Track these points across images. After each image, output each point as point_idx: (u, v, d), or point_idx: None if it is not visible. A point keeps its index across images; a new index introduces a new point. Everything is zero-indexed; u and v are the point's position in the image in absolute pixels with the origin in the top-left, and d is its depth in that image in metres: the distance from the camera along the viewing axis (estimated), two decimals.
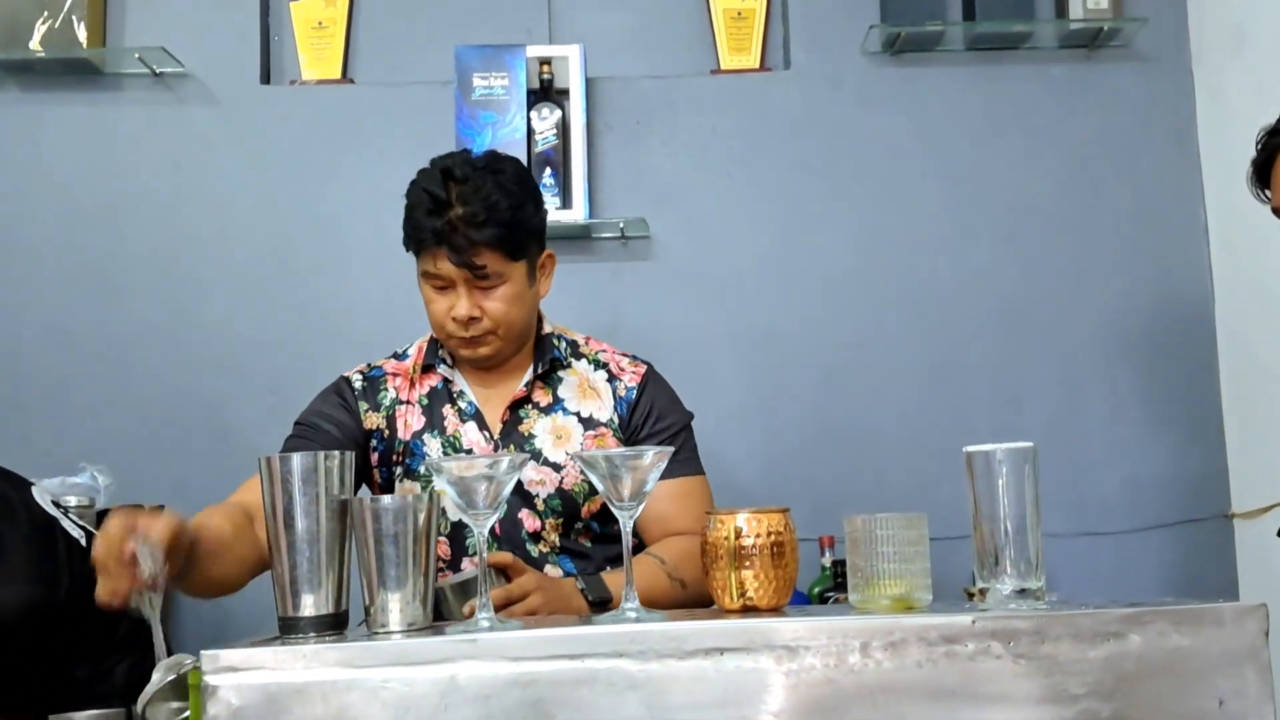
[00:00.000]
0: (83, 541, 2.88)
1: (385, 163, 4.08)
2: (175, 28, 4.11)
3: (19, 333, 4.02)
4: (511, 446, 2.71)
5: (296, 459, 1.82)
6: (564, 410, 2.75)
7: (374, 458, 2.79)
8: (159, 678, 1.96)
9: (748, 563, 1.87)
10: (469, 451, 2.72)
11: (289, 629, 1.79)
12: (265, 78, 4.18)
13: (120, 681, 2.88)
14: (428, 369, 2.83)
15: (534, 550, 2.67)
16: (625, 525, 1.87)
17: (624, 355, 2.89)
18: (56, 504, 2.96)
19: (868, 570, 1.85)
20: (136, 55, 4.04)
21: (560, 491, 2.69)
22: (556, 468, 2.70)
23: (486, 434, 2.74)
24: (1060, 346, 4.09)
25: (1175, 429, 4.06)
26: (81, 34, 4.03)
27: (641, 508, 1.87)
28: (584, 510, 2.71)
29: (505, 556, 2.42)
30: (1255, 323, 3.90)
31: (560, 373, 2.80)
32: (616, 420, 2.75)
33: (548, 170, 3.95)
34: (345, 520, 1.83)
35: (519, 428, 2.75)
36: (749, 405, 4.04)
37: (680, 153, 4.10)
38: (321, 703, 1.66)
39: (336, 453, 1.86)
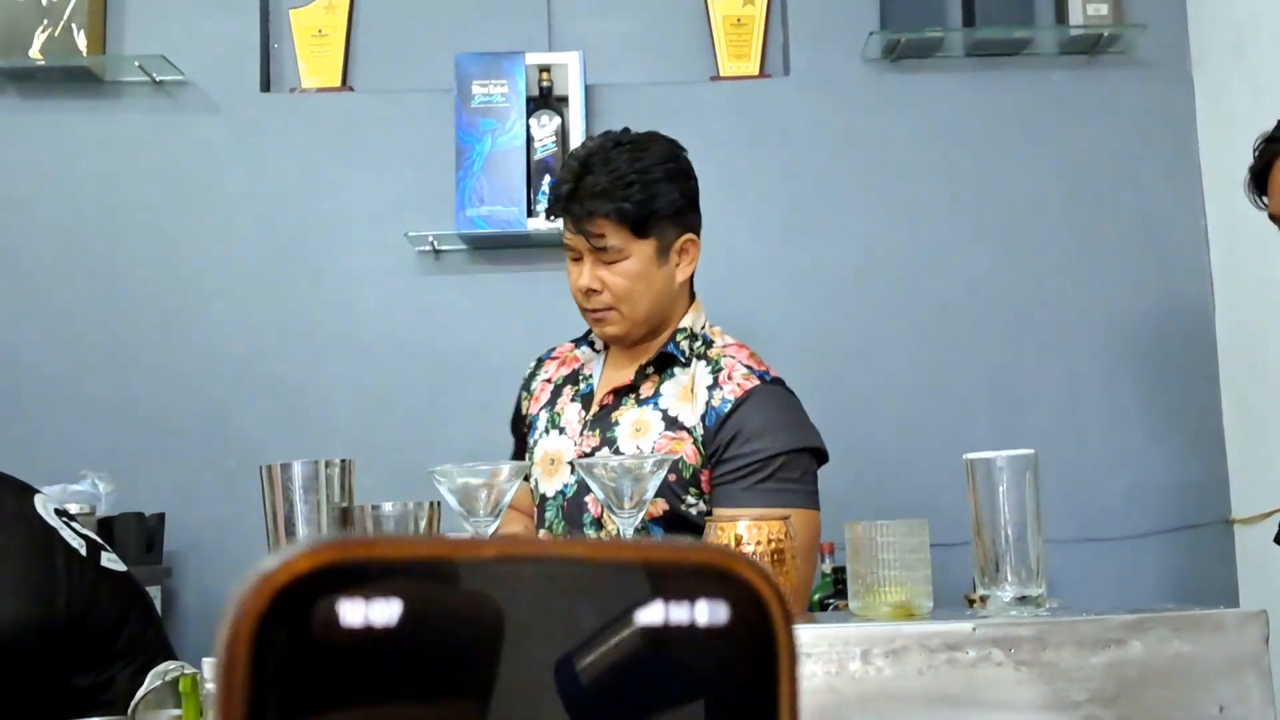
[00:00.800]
0: (82, 551, 2.87)
1: (385, 170, 4.09)
2: (175, 35, 4.12)
3: (20, 340, 4.02)
4: (597, 431, 2.66)
5: (297, 466, 1.82)
6: (656, 405, 2.67)
7: (530, 440, 2.82)
8: (149, 684, 1.96)
9: None
10: (562, 430, 2.72)
11: None
12: (265, 85, 4.19)
13: (123, 690, 2.87)
14: (579, 344, 2.88)
15: (592, 535, 2.58)
16: (625, 533, 1.86)
17: (752, 368, 2.74)
18: (60, 512, 2.95)
19: (869, 577, 1.84)
20: (136, 63, 4.05)
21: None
22: (620, 454, 2.63)
23: (582, 414, 2.72)
24: (1061, 352, 4.09)
25: (1176, 435, 4.07)
26: (81, 42, 4.03)
27: (642, 514, 1.87)
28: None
29: None
30: (1256, 328, 3.90)
31: (676, 370, 2.71)
32: (701, 430, 2.62)
33: (547, 177, 3.95)
34: (347, 528, 1.82)
35: (611, 414, 2.69)
36: None
37: None
38: None
39: (338, 460, 1.86)
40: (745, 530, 1.88)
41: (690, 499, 2.58)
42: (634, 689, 0.38)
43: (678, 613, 0.38)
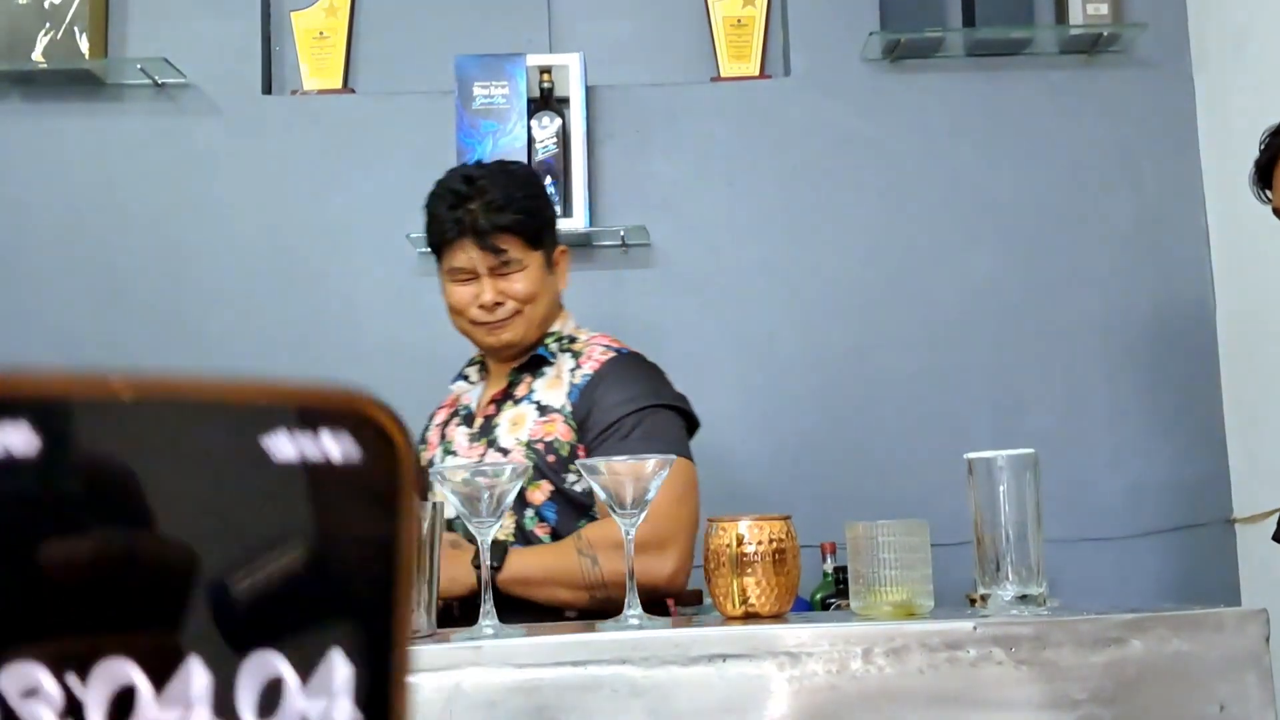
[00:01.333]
0: None
1: (387, 172, 4.09)
2: (177, 38, 4.12)
3: (23, 343, 4.02)
4: (483, 439, 2.78)
5: None
6: (530, 399, 2.79)
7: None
8: None
9: (750, 570, 1.88)
10: (455, 453, 2.82)
11: None
12: (267, 88, 4.19)
13: None
14: (454, 381, 3.01)
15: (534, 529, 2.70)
16: (628, 534, 1.87)
17: (610, 346, 2.89)
18: None
19: (870, 577, 1.85)
20: (139, 66, 4.05)
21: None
22: (505, 453, 2.74)
23: (468, 429, 2.85)
24: (1061, 352, 4.09)
25: (1177, 434, 4.07)
26: (84, 45, 4.04)
27: (643, 514, 1.88)
28: (528, 495, 2.71)
29: None
30: (1257, 328, 3.90)
31: (546, 369, 2.83)
32: (569, 407, 2.75)
33: (548, 179, 3.96)
34: None
35: (493, 421, 2.81)
36: (750, 412, 4.04)
37: (681, 160, 4.11)
38: None
39: None
40: (747, 530, 1.89)
41: (571, 477, 2.67)
42: (261, 522, 0.39)
43: (308, 448, 0.39)
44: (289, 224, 4.09)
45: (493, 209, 2.70)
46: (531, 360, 2.83)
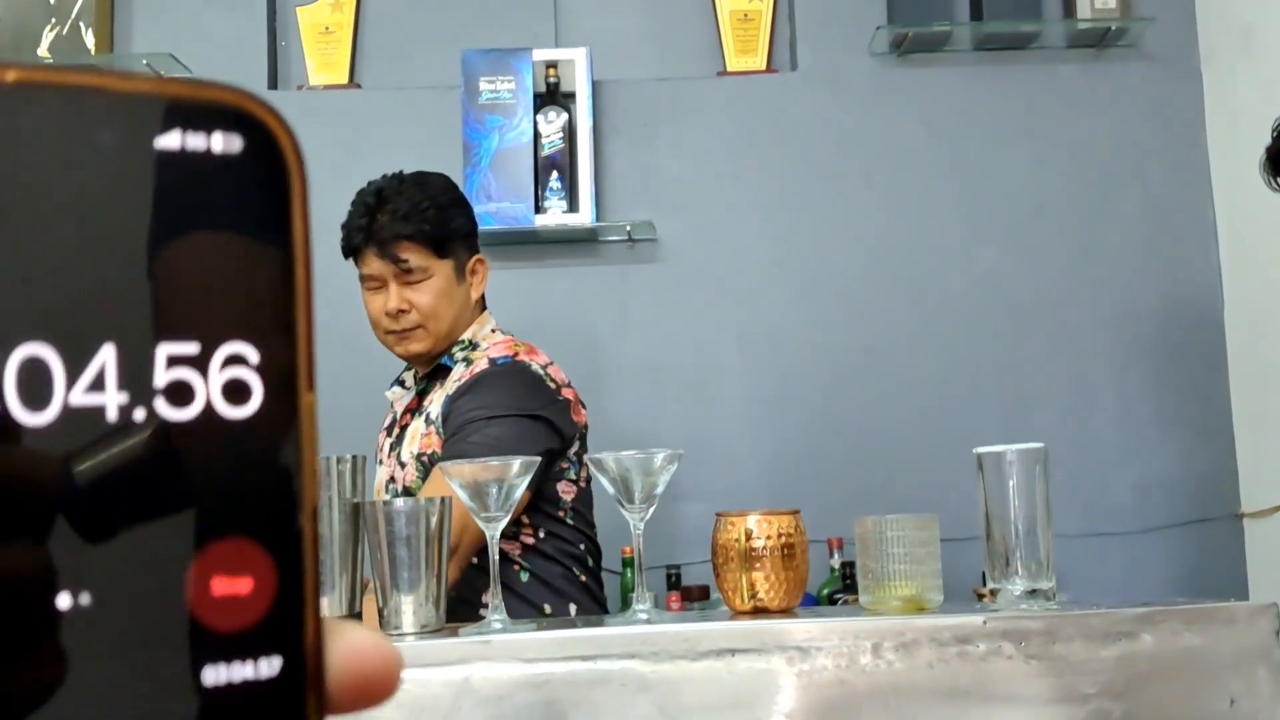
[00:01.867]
0: None
1: (393, 167, 4.07)
2: (183, 34, 4.12)
3: None
4: (395, 451, 2.84)
5: None
6: (427, 412, 2.83)
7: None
8: None
9: (758, 564, 1.87)
10: (381, 463, 2.90)
11: None
12: (272, 83, 4.19)
13: None
14: (391, 387, 3.02)
15: None
16: (635, 529, 1.86)
17: (494, 356, 2.81)
18: None
19: (879, 571, 1.85)
20: (144, 61, 4.05)
21: (406, 491, 2.76)
22: (403, 466, 2.79)
23: (389, 438, 2.92)
24: (1070, 347, 4.09)
25: (1185, 429, 4.07)
26: (89, 41, 4.04)
27: (652, 510, 1.87)
28: None
29: None
30: (1265, 322, 3.90)
31: (449, 379, 2.84)
32: (440, 418, 2.76)
33: (554, 174, 3.96)
34: (358, 523, 1.83)
35: (406, 429, 2.87)
36: (758, 407, 4.04)
37: (687, 155, 4.10)
38: None
39: (349, 456, 1.86)
40: (755, 525, 1.89)
41: None
42: (153, 217, 0.38)
43: (191, 140, 0.39)
44: None
45: (396, 219, 2.79)
46: (436, 369, 2.87)
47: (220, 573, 0.38)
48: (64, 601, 0.36)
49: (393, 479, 2.80)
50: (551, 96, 4.03)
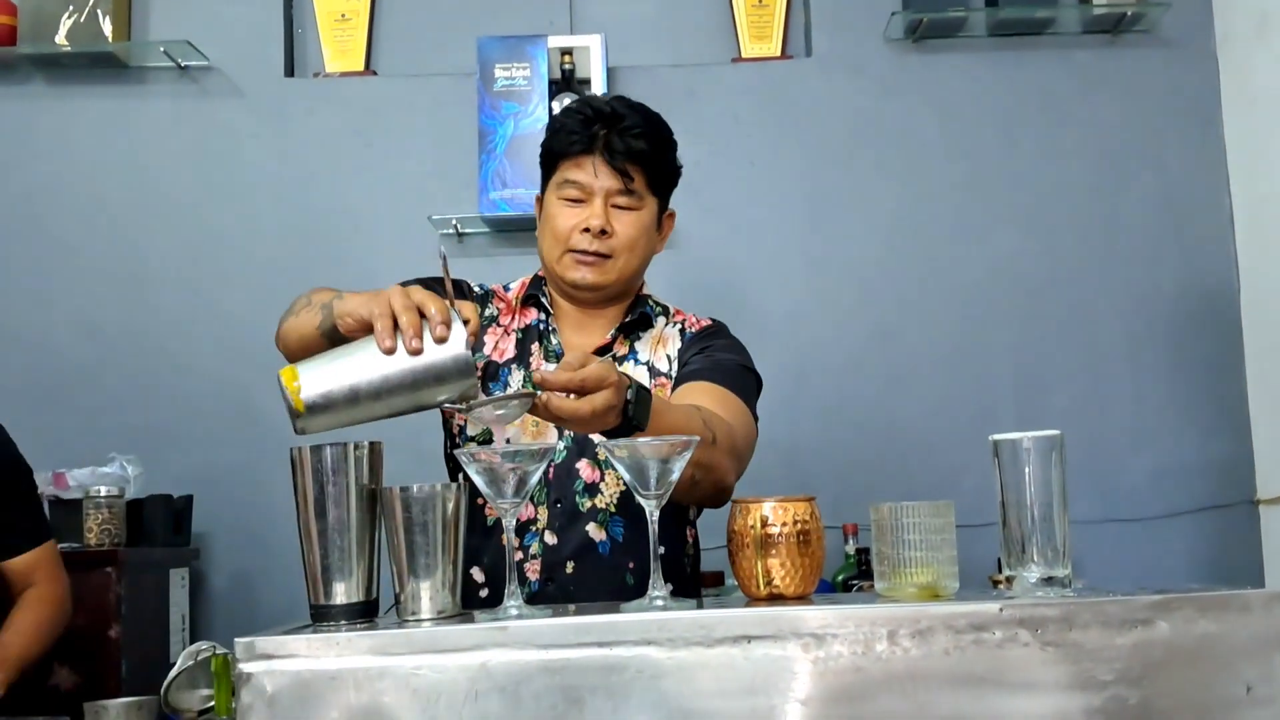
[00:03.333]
0: None
1: (408, 153, 4.10)
2: (199, 21, 4.14)
3: (48, 324, 4.04)
4: None
5: (326, 449, 1.83)
6: (637, 360, 2.64)
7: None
8: (181, 664, 1.97)
9: (774, 551, 1.87)
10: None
11: (320, 617, 1.80)
12: (289, 70, 4.20)
13: None
14: (529, 301, 2.73)
15: (583, 504, 2.51)
16: (651, 515, 1.86)
17: (707, 319, 2.77)
18: None
19: (894, 558, 1.84)
20: (161, 49, 4.06)
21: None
22: None
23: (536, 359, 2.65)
24: (1085, 333, 4.08)
25: (1201, 415, 4.06)
26: (107, 28, 4.05)
27: (669, 495, 1.87)
28: None
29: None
30: None
31: (643, 331, 2.69)
32: (677, 367, 2.63)
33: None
34: (375, 509, 1.83)
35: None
36: (772, 393, 4.01)
37: (702, 141, 4.10)
38: (353, 690, 1.67)
39: (366, 442, 1.86)
40: (771, 511, 1.89)
41: None
42: None
43: None
44: (311, 205, 4.10)
45: (630, 134, 2.54)
46: (639, 318, 2.67)
47: None
48: None
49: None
50: (567, 83, 4.04)
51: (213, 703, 1.90)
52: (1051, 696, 1.69)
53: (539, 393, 1.94)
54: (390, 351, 1.96)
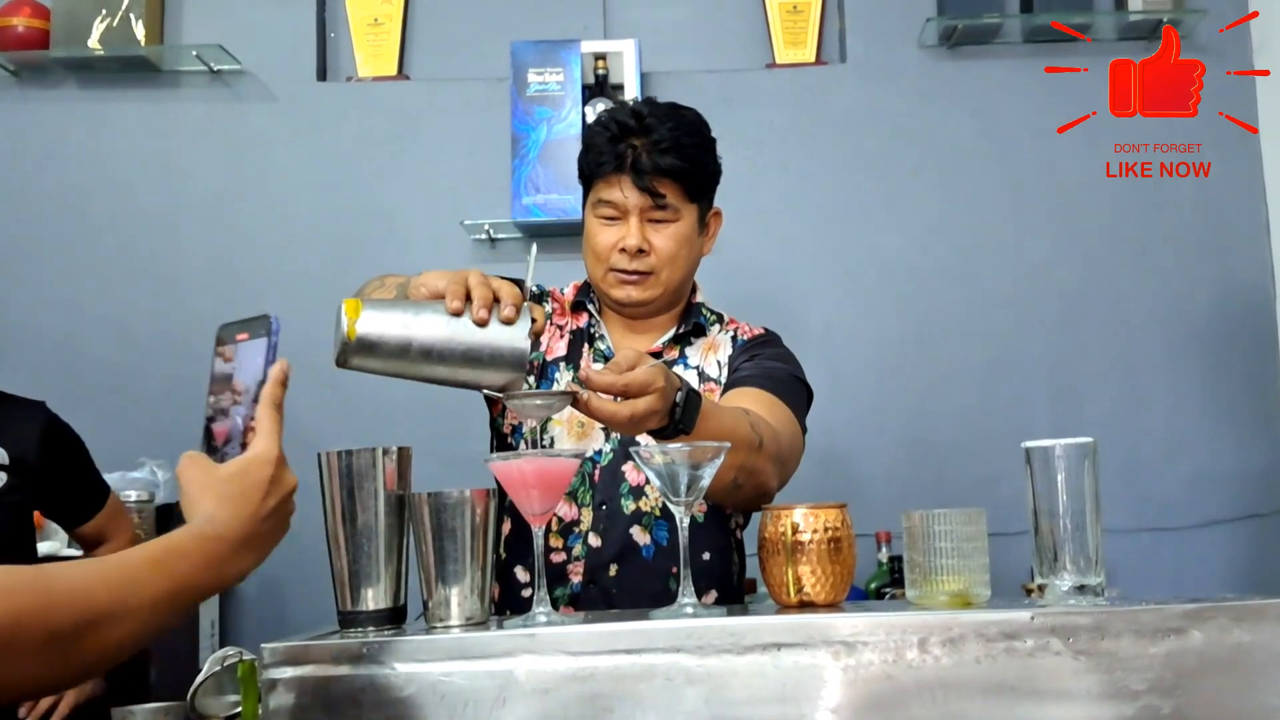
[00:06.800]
0: None
1: (441, 158, 4.10)
2: (232, 25, 4.14)
3: (79, 327, 4.05)
4: None
5: (355, 454, 1.83)
6: (687, 364, 2.63)
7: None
8: (208, 670, 1.97)
9: (805, 558, 1.86)
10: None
11: (348, 623, 1.80)
12: (321, 74, 4.21)
13: None
14: (577, 307, 2.72)
15: (628, 507, 2.50)
16: (682, 521, 1.85)
17: (760, 328, 2.75)
18: None
19: (926, 566, 1.83)
20: (194, 53, 4.07)
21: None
22: None
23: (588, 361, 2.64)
24: (1121, 341, 4.06)
25: (1238, 423, 4.04)
26: (139, 32, 4.06)
27: (698, 500, 1.86)
28: None
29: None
30: None
31: (696, 339, 2.67)
32: (727, 371, 2.62)
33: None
34: (404, 515, 1.83)
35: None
36: None
37: (736, 147, 4.06)
38: (381, 696, 1.67)
39: (395, 447, 1.86)
40: (802, 518, 1.88)
41: None
42: None
43: None
44: (343, 211, 4.10)
45: (658, 149, 2.50)
46: (694, 327, 2.66)
47: None
48: None
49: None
50: (600, 88, 4.03)
51: (239, 709, 1.89)
52: (1083, 706, 1.68)
53: (582, 391, 1.92)
54: (457, 314, 1.94)
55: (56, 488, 3.11)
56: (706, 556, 2.54)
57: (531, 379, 2.59)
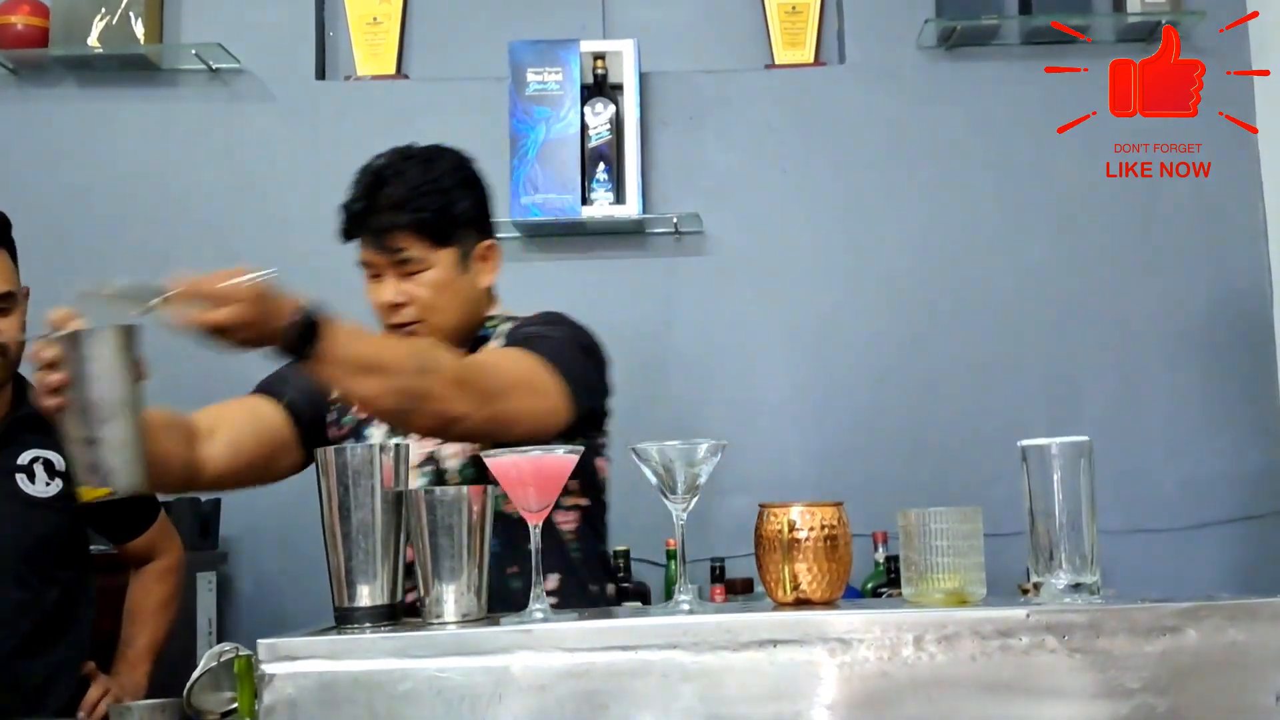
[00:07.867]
0: None
1: None
2: (231, 24, 4.14)
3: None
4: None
5: (352, 452, 1.83)
6: None
7: (330, 430, 2.72)
8: (204, 665, 1.97)
9: (801, 556, 1.86)
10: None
11: (344, 619, 1.80)
12: (320, 73, 4.21)
13: None
14: None
15: None
16: (678, 519, 1.86)
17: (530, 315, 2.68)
18: None
19: (921, 564, 1.84)
20: (193, 51, 4.07)
21: (474, 460, 2.49)
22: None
23: None
24: (1117, 341, 4.06)
25: (1233, 424, 4.04)
26: (139, 30, 4.06)
27: (695, 500, 1.86)
28: None
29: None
30: None
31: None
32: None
33: (601, 165, 3.96)
34: (400, 512, 1.83)
35: None
36: (803, 400, 4.04)
37: (734, 148, 4.10)
38: (377, 692, 1.67)
39: (393, 444, 1.86)
40: (799, 516, 1.88)
41: None
42: None
43: None
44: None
45: (389, 207, 2.57)
46: (476, 341, 2.64)
47: None
48: None
49: (431, 457, 2.54)
50: (599, 88, 4.03)
51: (235, 705, 1.89)
52: (1078, 704, 1.69)
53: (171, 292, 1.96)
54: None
55: (108, 500, 3.10)
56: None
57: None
